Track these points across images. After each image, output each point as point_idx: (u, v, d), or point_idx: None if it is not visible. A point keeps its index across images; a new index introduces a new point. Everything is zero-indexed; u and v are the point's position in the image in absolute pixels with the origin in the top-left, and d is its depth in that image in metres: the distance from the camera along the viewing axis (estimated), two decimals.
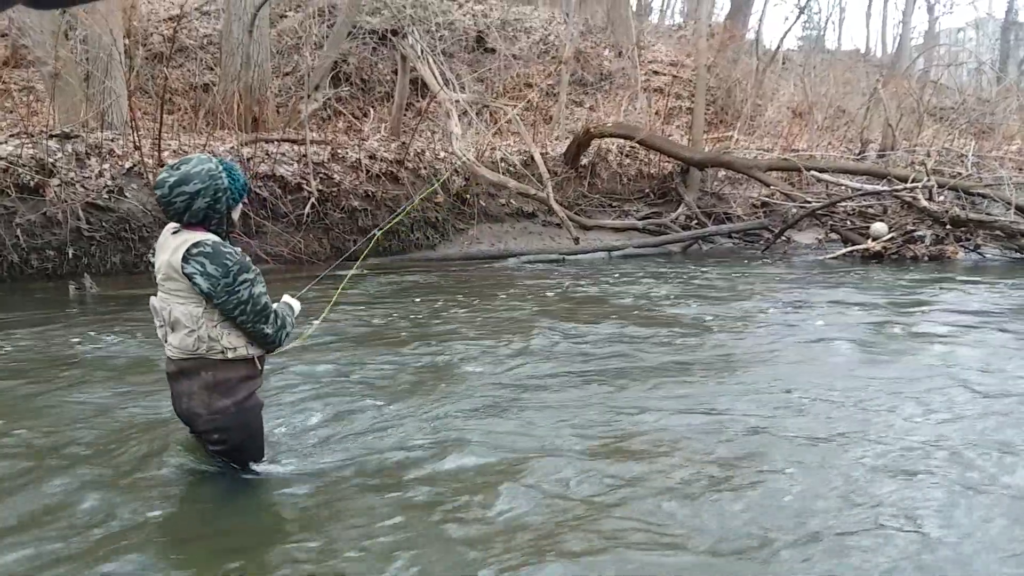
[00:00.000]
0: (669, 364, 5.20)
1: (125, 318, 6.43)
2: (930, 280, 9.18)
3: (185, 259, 2.81)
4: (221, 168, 2.92)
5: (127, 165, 9.25)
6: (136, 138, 9.36)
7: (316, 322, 4.02)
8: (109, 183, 8.89)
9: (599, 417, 4.06)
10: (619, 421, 4.00)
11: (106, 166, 9.09)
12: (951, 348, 5.69)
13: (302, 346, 4.59)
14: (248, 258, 2.96)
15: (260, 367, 3.12)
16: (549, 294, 8.17)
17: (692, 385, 4.71)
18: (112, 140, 9.58)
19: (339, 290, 4.13)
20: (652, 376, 4.86)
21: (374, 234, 4.34)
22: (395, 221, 4.83)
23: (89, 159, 9.07)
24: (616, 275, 9.66)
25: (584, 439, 3.74)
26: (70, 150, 8.97)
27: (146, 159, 9.29)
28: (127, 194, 8.98)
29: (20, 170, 8.29)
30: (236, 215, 3.06)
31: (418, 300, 7.61)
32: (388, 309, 7.09)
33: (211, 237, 2.90)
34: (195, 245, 2.83)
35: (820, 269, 10.40)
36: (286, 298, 3.37)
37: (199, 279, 2.81)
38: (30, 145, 8.66)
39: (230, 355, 2.96)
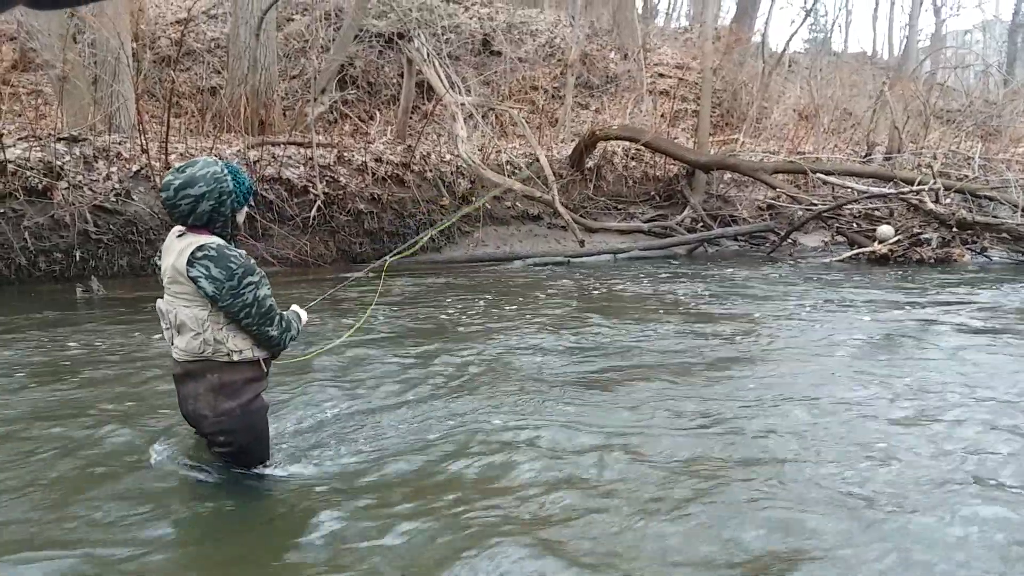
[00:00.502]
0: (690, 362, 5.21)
1: (132, 321, 6.46)
2: (936, 283, 9.15)
3: (190, 262, 2.83)
4: (226, 171, 2.94)
5: (134, 168, 9.30)
6: (143, 141, 9.41)
7: (347, 334, 4.04)
8: (116, 186, 8.94)
9: (618, 418, 4.06)
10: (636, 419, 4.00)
11: (113, 169, 9.13)
12: (958, 352, 5.67)
13: (321, 350, 4.63)
14: (253, 261, 2.98)
15: (266, 369, 3.14)
16: (552, 293, 8.18)
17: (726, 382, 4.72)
18: (119, 143, 9.63)
19: (371, 305, 4.12)
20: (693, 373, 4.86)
21: (397, 252, 4.31)
22: (427, 236, 4.75)
23: (97, 162, 9.12)
24: (626, 275, 9.66)
25: (610, 441, 3.74)
26: (78, 153, 9.02)
27: (153, 162, 9.33)
28: (134, 197, 9.02)
29: (28, 173, 8.35)
30: (241, 218, 3.06)
31: (445, 301, 7.62)
32: (417, 310, 7.10)
33: (216, 240, 2.91)
34: (200, 248, 2.84)
35: (826, 272, 10.38)
36: (294, 308, 3.39)
37: (204, 282, 2.83)
38: (38, 148, 8.71)
39: (236, 357, 2.98)
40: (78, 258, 8.53)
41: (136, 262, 8.96)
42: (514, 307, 7.46)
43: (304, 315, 3.40)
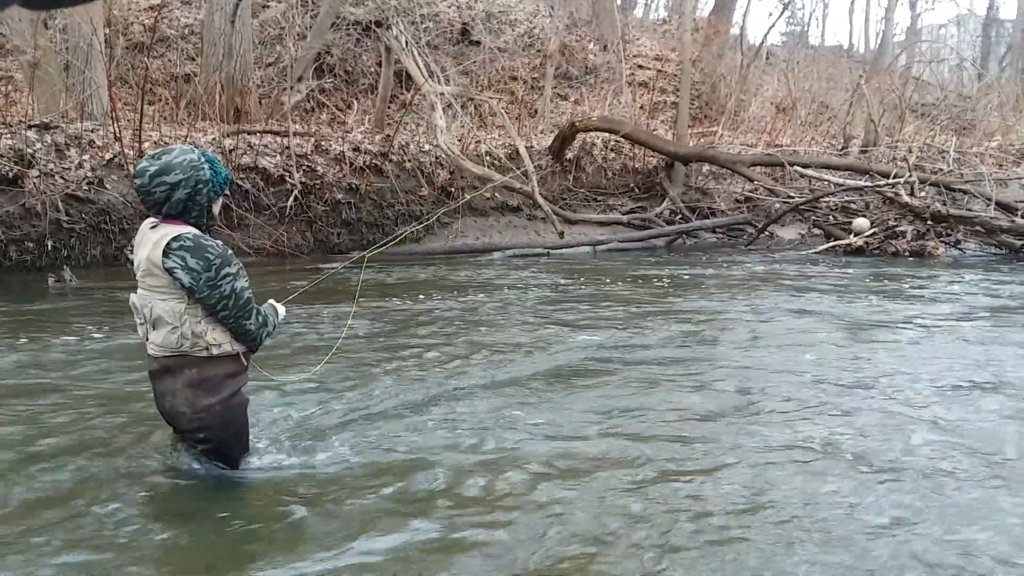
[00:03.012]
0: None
1: (105, 311, 6.36)
2: (910, 275, 9.25)
3: (166, 253, 2.75)
4: (203, 160, 2.86)
5: (107, 156, 9.15)
6: (116, 129, 9.25)
7: (342, 334, 4.00)
8: (89, 174, 8.78)
9: (582, 417, 4.06)
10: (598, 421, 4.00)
11: (86, 157, 8.98)
12: (928, 341, 5.74)
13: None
14: (230, 251, 2.91)
15: (246, 363, 3.07)
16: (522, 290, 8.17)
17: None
18: (92, 131, 9.47)
19: (354, 299, 4.07)
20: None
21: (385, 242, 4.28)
22: (408, 232, 4.71)
23: (69, 150, 8.96)
24: (604, 267, 9.67)
25: (596, 445, 3.74)
26: (49, 141, 8.85)
27: (126, 150, 9.19)
28: (107, 185, 8.87)
29: None
30: (217, 208, 2.98)
31: (426, 294, 7.58)
32: (396, 304, 7.05)
33: (191, 230, 2.83)
34: (175, 239, 2.76)
35: (802, 264, 10.45)
36: (271, 302, 3.30)
37: (180, 273, 2.75)
38: (9, 136, 8.53)
39: (215, 351, 2.90)
40: (50, 247, 8.38)
41: (109, 251, 8.82)
42: (495, 301, 7.44)
43: (281, 309, 3.31)
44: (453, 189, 12.04)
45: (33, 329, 5.70)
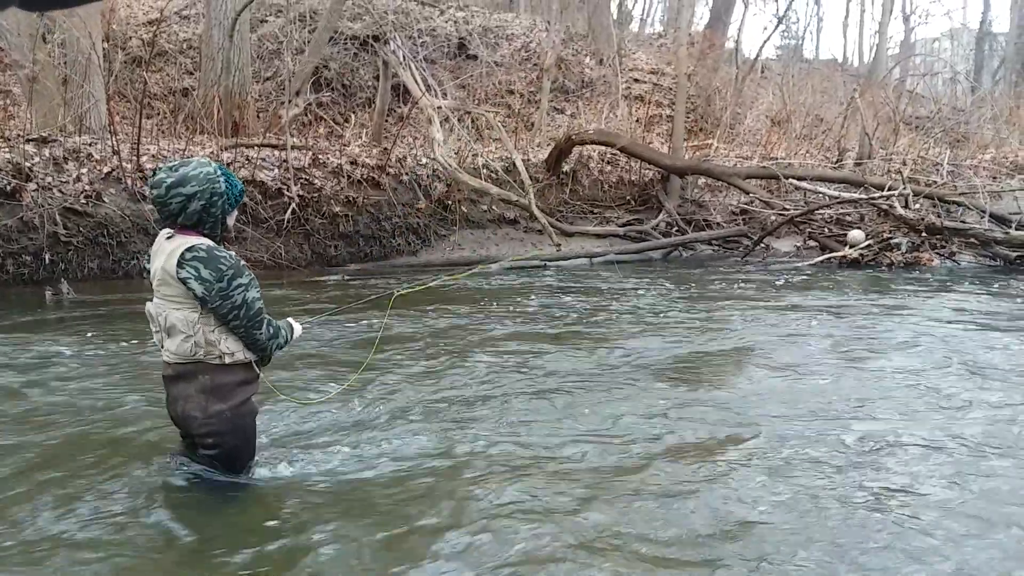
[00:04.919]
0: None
1: (103, 324, 6.37)
2: (905, 287, 9.29)
3: (180, 263, 2.82)
4: (219, 173, 2.93)
5: (105, 170, 9.17)
6: (115, 143, 9.28)
7: (357, 373, 4.07)
8: (87, 188, 8.81)
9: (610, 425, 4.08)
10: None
11: (84, 171, 9.00)
12: (923, 353, 5.77)
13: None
14: (243, 263, 2.97)
15: (258, 371, 3.12)
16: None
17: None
18: (90, 144, 9.50)
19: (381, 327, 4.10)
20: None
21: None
22: (439, 281, 4.64)
23: (67, 164, 8.99)
24: (600, 279, 9.70)
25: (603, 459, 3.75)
26: (47, 154, 8.89)
27: (125, 164, 9.21)
28: (105, 199, 8.90)
29: None
30: (231, 221, 3.06)
31: (427, 307, 7.51)
32: (399, 317, 7.05)
33: (205, 241, 2.91)
34: (189, 250, 2.83)
35: (798, 276, 10.48)
36: (290, 320, 3.35)
37: (194, 284, 2.82)
38: (7, 149, 8.56)
39: (227, 360, 2.96)
40: (47, 261, 8.39)
41: (107, 265, 8.84)
42: (496, 313, 7.45)
43: (297, 327, 3.36)
44: (450, 202, 12.09)
45: (31, 342, 5.70)
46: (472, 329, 6.57)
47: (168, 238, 2.93)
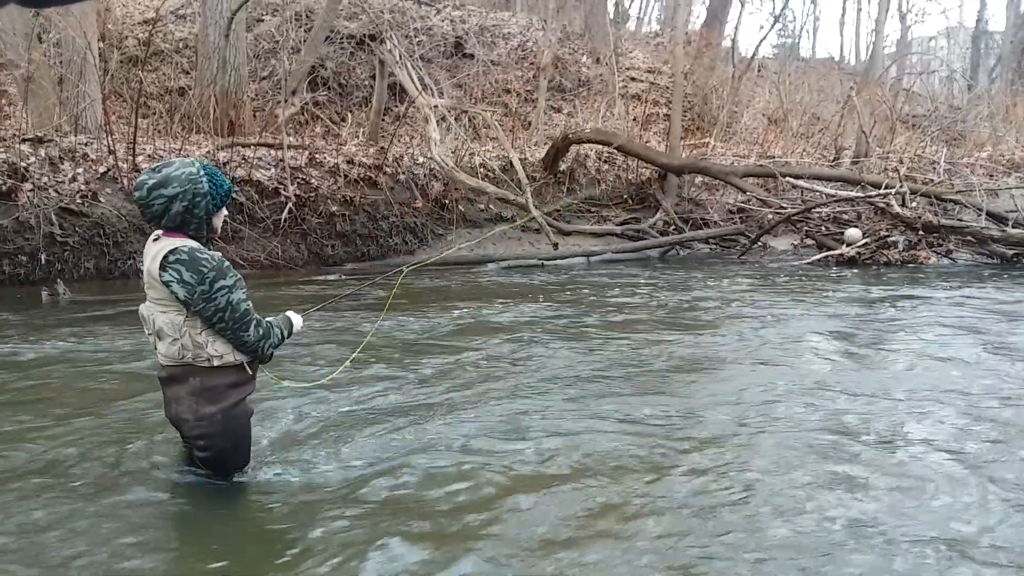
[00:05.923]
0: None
1: (99, 324, 6.35)
2: (902, 285, 9.29)
3: (162, 267, 2.78)
4: (202, 173, 2.87)
5: (101, 170, 9.15)
6: (110, 142, 9.26)
7: (355, 353, 4.03)
8: (83, 188, 8.78)
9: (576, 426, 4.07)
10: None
11: (80, 171, 8.98)
12: (921, 350, 5.77)
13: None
14: (227, 263, 2.92)
15: (252, 373, 3.08)
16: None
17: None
18: (86, 144, 9.47)
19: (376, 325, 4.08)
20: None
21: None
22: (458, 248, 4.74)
23: (63, 163, 8.96)
24: (599, 278, 9.70)
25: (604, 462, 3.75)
26: (43, 154, 8.86)
27: (121, 163, 9.19)
28: (101, 199, 8.87)
29: None
30: (219, 222, 2.99)
31: (426, 305, 7.54)
32: (396, 316, 7.05)
33: (188, 243, 2.84)
34: (171, 252, 2.79)
35: (795, 274, 10.49)
36: (288, 313, 3.29)
37: (176, 287, 2.77)
38: (2, 149, 8.53)
39: (216, 363, 2.92)
40: (43, 261, 8.36)
41: (103, 265, 8.81)
42: (493, 313, 7.44)
43: (298, 321, 3.29)
44: (448, 201, 12.07)
45: (27, 342, 5.68)
46: (471, 327, 6.56)
47: (154, 240, 2.89)
